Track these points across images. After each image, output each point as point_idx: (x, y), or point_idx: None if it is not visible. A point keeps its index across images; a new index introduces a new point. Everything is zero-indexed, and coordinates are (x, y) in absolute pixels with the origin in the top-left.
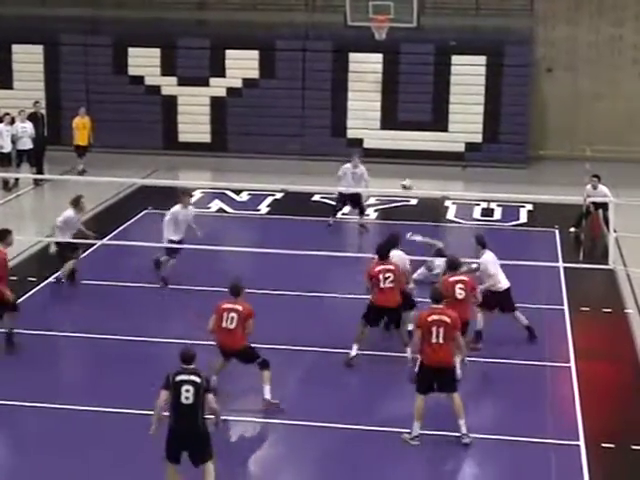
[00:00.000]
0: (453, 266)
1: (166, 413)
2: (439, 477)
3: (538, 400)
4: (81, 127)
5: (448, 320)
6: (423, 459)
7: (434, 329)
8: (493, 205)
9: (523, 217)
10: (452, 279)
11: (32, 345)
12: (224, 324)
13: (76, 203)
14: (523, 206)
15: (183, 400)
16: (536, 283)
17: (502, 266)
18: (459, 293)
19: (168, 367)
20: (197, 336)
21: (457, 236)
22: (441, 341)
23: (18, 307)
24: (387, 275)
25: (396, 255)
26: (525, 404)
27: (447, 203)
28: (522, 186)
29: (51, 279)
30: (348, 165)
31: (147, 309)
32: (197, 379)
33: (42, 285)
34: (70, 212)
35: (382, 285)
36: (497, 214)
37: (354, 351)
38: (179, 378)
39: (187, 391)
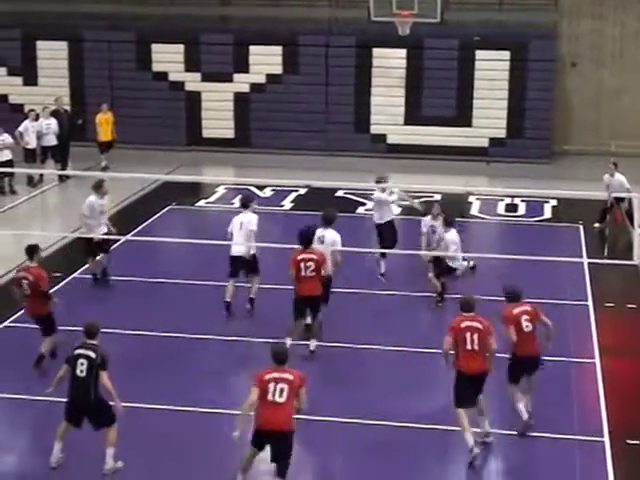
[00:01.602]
0: (514, 297)
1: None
2: (464, 474)
3: (563, 396)
4: (104, 123)
5: (481, 327)
6: (447, 456)
7: (468, 336)
8: (517, 200)
9: (547, 213)
10: (516, 311)
11: (60, 340)
12: (270, 397)
13: (97, 187)
14: (547, 201)
15: (78, 373)
16: (560, 279)
17: (526, 262)
18: (526, 326)
19: (200, 363)
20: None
21: (481, 232)
22: (476, 347)
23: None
24: (308, 264)
25: (329, 236)
26: (549, 400)
27: (471, 198)
28: (546, 181)
29: (86, 275)
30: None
31: (172, 304)
32: (92, 354)
33: (68, 280)
34: (92, 197)
35: (303, 274)
36: (521, 209)
37: (288, 343)
38: (77, 352)
39: (82, 364)
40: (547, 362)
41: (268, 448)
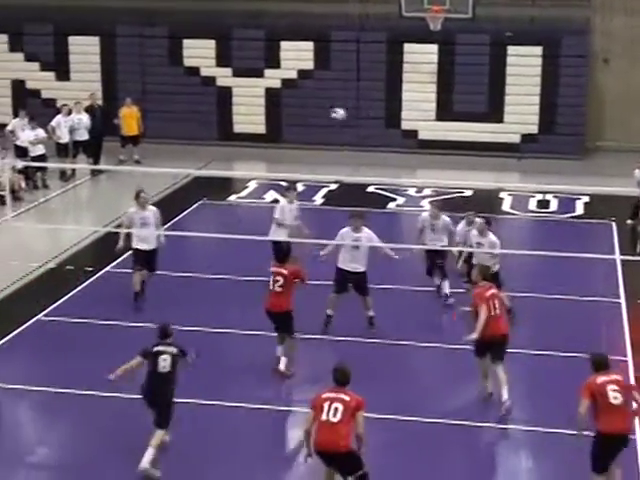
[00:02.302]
0: (601, 366)
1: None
2: (492, 468)
3: None
4: (127, 117)
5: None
6: (474, 450)
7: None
8: (549, 197)
9: (579, 209)
10: (601, 380)
11: (94, 334)
12: (324, 417)
13: (136, 197)
14: (579, 198)
15: (160, 369)
16: (592, 275)
17: (558, 258)
18: (614, 397)
19: (233, 357)
20: None
21: (512, 228)
22: (498, 312)
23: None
24: (277, 278)
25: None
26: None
27: (502, 194)
28: (578, 177)
29: (119, 270)
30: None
31: (204, 298)
32: (174, 350)
33: (100, 274)
34: (132, 208)
35: (271, 288)
36: (553, 206)
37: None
38: (157, 349)
39: (164, 360)
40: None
41: None
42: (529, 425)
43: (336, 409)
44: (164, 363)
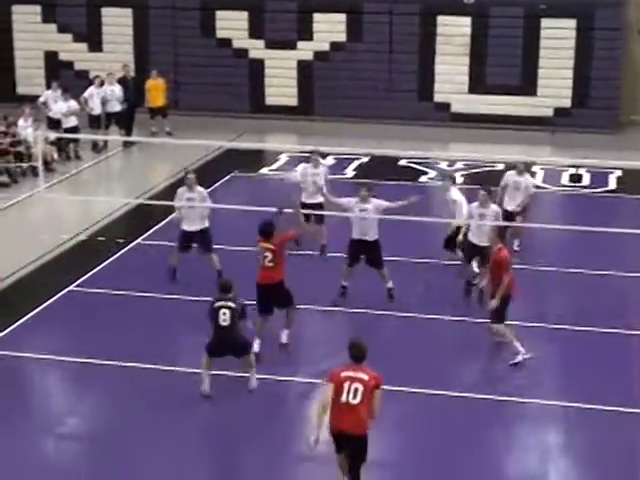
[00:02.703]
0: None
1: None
2: (528, 446)
3: (627, 369)
4: (153, 89)
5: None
6: (509, 428)
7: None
8: (582, 171)
9: (612, 183)
10: None
11: (125, 306)
12: (344, 398)
13: (184, 178)
14: (612, 172)
15: (221, 322)
16: (625, 251)
17: (590, 233)
18: None
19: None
20: None
21: (544, 202)
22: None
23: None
24: (266, 254)
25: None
26: (614, 373)
27: (535, 168)
28: (612, 152)
29: (150, 241)
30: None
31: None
32: (233, 304)
33: (132, 246)
34: (181, 188)
35: (261, 263)
36: (586, 180)
37: (256, 346)
38: (217, 304)
39: (224, 314)
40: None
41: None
42: (568, 401)
43: (356, 390)
44: (224, 317)
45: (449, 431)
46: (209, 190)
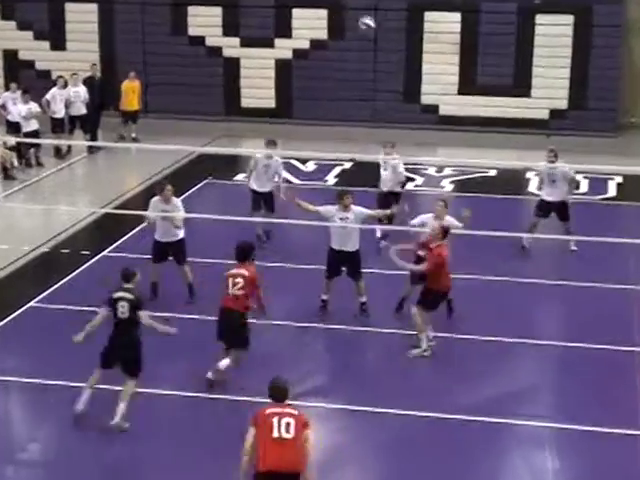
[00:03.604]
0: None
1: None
2: (522, 469)
3: (626, 388)
4: (130, 92)
5: None
6: (500, 450)
7: None
8: (579, 177)
9: (612, 190)
10: None
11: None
12: (276, 434)
13: (160, 190)
14: (612, 178)
15: (120, 315)
16: (625, 261)
17: (589, 243)
18: None
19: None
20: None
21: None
22: None
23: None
24: (237, 281)
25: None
26: (611, 392)
27: (529, 174)
28: (611, 156)
29: (116, 254)
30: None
31: (205, 283)
32: (131, 296)
33: (97, 258)
34: (155, 199)
35: (229, 291)
36: (584, 187)
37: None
38: (116, 295)
39: (122, 306)
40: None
41: None
42: (561, 423)
43: (288, 424)
44: (122, 309)
45: (433, 454)
46: (181, 199)
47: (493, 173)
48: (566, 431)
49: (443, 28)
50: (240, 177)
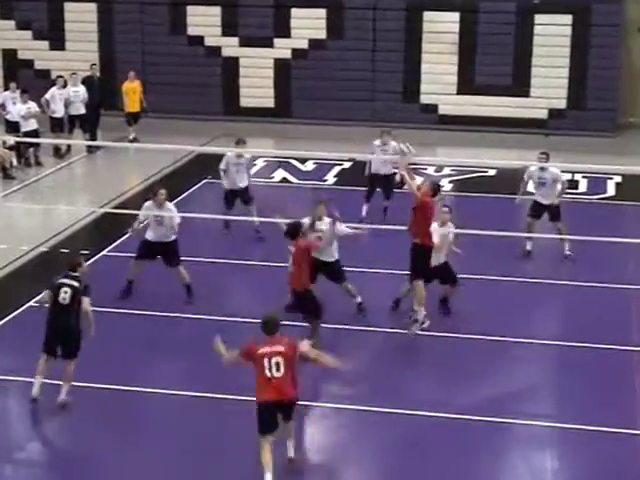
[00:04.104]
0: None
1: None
2: (521, 469)
3: (627, 388)
4: (131, 92)
5: None
6: (500, 450)
7: None
8: (578, 177)
9: (611, 190)
10: None
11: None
12: (267, 373)
13: (154, 195)
14: (611, 178)
15: (61, 300)
16: (624, 261)
17: (587, 243)
18: None
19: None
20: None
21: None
22: None
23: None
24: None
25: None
26: (612, 392)
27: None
28: (610, 156)
29: (115, 253)
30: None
31: (204, 284)
32: (76, 284)
33: (96, 258)
34: (148, 203)
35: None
36: (582, 186)
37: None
38: (60, 281)
39: (65, 292)
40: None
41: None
42: (564, 422)
43: (277, 363)
44: (64, 295)
45: (435, 454)
46: (179, 199)
47: (492, 173)
48: (567, 431)
49: (442, 28)
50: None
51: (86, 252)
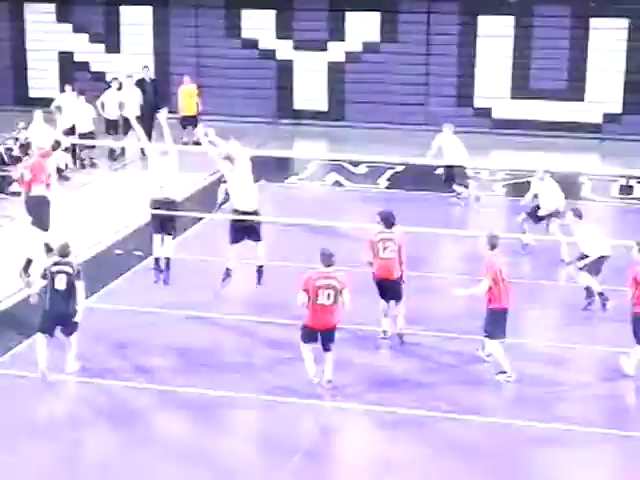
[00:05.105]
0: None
1: None
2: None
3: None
4: (186, 96)
5: None
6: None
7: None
8: (632, 182)
9: None
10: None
11: (139, 325)
12: (320, 300)
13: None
14: None
15: (57, 286)
16: None
17: None
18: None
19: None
20: None
21: (593, 215)
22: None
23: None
24: (387, 244)
25: None
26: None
27: (582, 179)
28: None
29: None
30: None
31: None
32: (70, 270)
33: (150, 259)
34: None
35: (382, 255)
36: (637, 192)
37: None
38: (55, 269)
39: (61, 279)
40: None
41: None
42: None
43: (329, 294)
44: (60, 282)
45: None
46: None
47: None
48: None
49: (496, 32)
50: (292, 179)
51: (140, 253)
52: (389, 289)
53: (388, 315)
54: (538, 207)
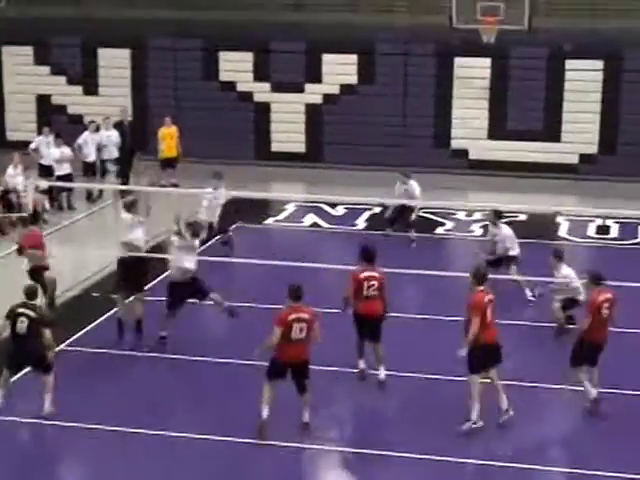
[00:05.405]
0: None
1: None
2: None
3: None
4: (167, 137)
5: None
6: None
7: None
8: (609, 222)
9: None
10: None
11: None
12: (293, 335)
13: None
14: None
15: (18, 330)
16: None
17: (619, 287)
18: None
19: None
20: None
21: (570, 255)
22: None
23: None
24: (371, 283)
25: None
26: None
27: (559, 219)
28: None
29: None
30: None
31: (236, 328)
32: (32, 313)
33: (126, 302)
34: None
35: (365, 293)
36: (614, 232)
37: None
38: (18, 311)
39: (22, 322)
40: None
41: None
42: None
43: (301, 329)
44: (21, 325)
45: None
46: (212, 241)
47: (523, 217)
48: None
49: (473, 73)
50: (270, 221)
51: (116, 296)
52: (370, 328)
53: (364, 354)
54: (494, 252)
